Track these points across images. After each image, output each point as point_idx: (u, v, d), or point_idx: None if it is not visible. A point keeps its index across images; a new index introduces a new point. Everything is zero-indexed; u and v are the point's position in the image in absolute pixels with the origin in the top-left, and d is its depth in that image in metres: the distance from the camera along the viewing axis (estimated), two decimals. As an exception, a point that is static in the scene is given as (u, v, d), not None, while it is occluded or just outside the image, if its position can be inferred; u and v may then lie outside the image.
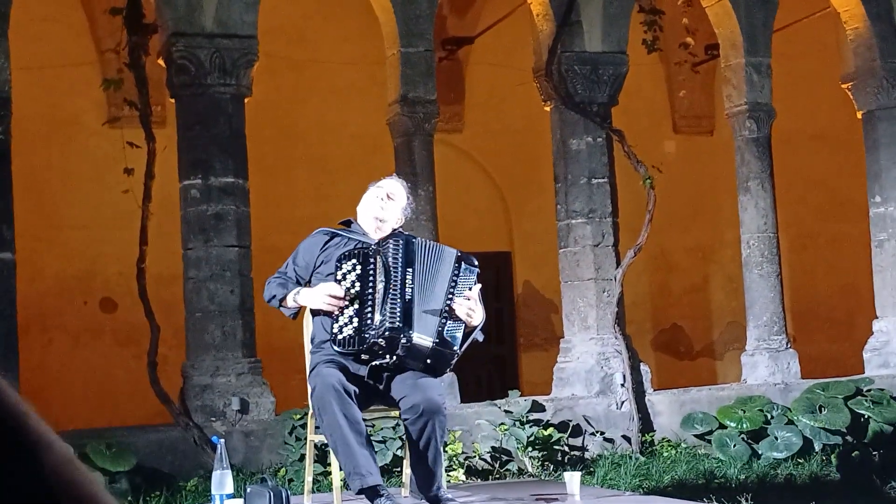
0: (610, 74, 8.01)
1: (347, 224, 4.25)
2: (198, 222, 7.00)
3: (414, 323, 3.88)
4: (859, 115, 9.01)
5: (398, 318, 3.86)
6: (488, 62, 10.89)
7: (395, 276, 3.90)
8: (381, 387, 3.95)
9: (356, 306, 3.90)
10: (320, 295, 3.94)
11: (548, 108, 8.17)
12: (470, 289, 4.02)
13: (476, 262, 4.09)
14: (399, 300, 3.88)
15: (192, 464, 6.60)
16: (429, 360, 3.96)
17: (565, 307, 8.08)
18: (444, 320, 3.94)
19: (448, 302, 3.96)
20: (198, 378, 6.92)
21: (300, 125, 10.53)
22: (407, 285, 3.91)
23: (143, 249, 7.03)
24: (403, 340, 3.85)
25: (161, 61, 7.21)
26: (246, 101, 7.22)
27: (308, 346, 4.23)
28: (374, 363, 3.89)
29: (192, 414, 6.81)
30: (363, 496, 3.84)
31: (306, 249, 4.17)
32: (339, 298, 3.89)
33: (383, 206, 4.18)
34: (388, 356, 3.87)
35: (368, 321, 3.87)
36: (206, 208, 7.00)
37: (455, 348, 3.96)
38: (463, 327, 3.98)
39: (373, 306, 3.88)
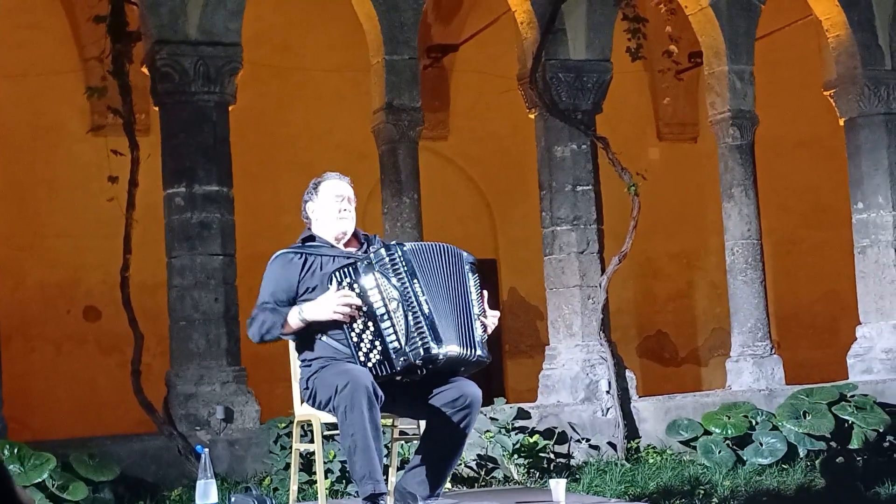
0: (594, 82, 8.04)
1: (311, 239, 4.10)
2: (182, 230, 6.98)
3: (443, 336, 3.80)
4: (841, 123, 9.06)
5: (429, 337, 3.77)
6: (473, 70, 10.91)
7: (407, 292, 3.80)
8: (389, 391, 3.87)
9: (371, 328, 3.79)
10: (328, 306, 3.82)
11: (532, 116, 8.19)
12: (481, 293, 4.00)
13: (474, 260, 4.05)
14: (421, 317, 3.78)
15: (176, 473, 6.57)
16: (462, 369, 3.94)
17: (550, 314, 8.09)
18: (480, 330, 3.91)
19: (478, 310, 3.93)
20: (182, 387, 6.89)
21: (285, 133, 10.52)
22: (421, 298, 3.81)
23: (126, 258, 7.01)
24: (441, 357, 3.79)
25: (145, 69, 7.19)
26: (230, 108, 7.21)
27: (295, 356, 4.19)
28: (407, 379, 3.84)
29: (176, 423, 6.78)
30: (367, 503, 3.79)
31: (283, 277, 3.99)
32: (350, 308, 3.79)
33: (352, 218, 4.11)
34: (421, 372, 3.82)
35: (395, 343, 3.77)
36: (191, 216, 6.97)
37: (487, 356, 3.95)
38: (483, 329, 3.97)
39: (393, 326, 3.78)
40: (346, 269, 3.87)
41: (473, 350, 3.87)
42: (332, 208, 4.11)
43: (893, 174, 8.83)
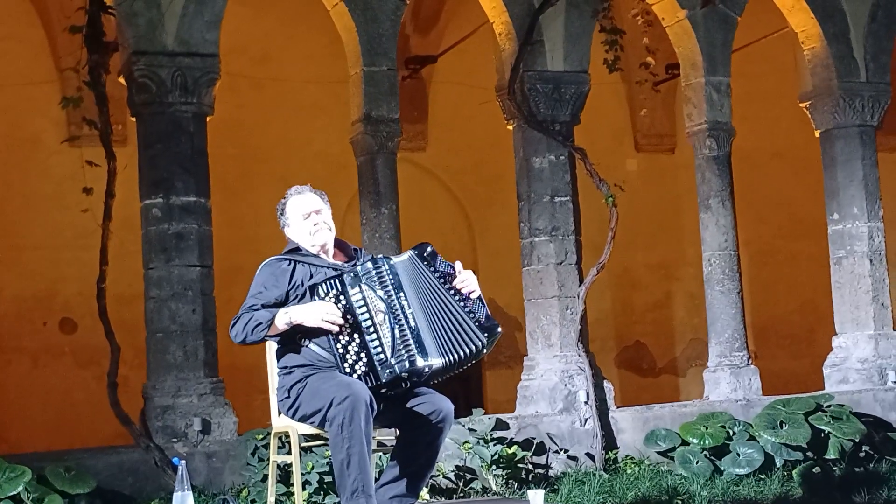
0: (572, 93, 8.07)
1: (298, 250, 4.10)
2: (159, 241, 6.95)
3: (428, 349, 3.82)
4: (817, 134, 9.14)
5: (415, 350, 3.80)
6: (451, 81, 10.94)
7: (394, 305, 3.83)
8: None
9: (357, 340, 3.81)
10: (318, 312, 3.81)
11: (511, 127, 8.21)
12: (452, 269, 4.00)
13: (430, 247, 4.03)
14: (407, 330, 3.81)
15: (153, 486, 6.53)
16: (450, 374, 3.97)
17: (529, 325, 8.10)
18: (472, 313, 3.94)
19: (463, 302, 3.95)
20: (159, 399, 6.85)
21: (263, 144, 10.50)
22: (407, 311, 3.84)
23: (103, 269, 6.96)
24: (426, 371, 3.82)
25: (122, 80, 7.17)
26: (209, 119, 7.19)
27: (273, 367, 4.18)
28: (391, 392, 3.86)
29: (153, 435, 6.74)
30: None
31: (272, 283, 3.99)
32: (337, 321, 3.80)
33: (331, 228, 4.11)
34: (406, 385, 3.84)
35: (380, 356, 3.79)
36: (168, 227, 6.95)
37: (494, 328, 3.99)
38: (480, 302, 4.00)
39: (379, 339, 3.80)
40: (332, 281, 3.88)
41: (460, 359, 3.90)
42: (303, 228, 4.13)
43: (868, 185, 8.90)
